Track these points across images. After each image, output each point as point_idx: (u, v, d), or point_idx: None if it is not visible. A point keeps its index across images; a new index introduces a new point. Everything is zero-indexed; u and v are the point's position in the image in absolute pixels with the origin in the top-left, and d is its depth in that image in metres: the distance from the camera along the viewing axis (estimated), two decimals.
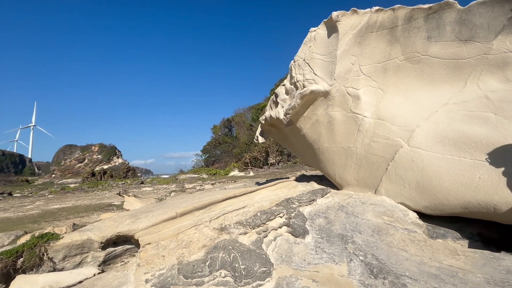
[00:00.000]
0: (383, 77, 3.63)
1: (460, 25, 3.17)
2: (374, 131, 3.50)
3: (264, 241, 2.61)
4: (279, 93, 4.40)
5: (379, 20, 3.43)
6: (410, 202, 3.02)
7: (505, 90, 2.88)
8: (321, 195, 3.30)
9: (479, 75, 3.14)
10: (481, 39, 3.06)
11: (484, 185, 2.48)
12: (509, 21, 2.94)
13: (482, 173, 2.53)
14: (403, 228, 2.64)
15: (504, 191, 2.37)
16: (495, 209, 2.41)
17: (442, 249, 2.37)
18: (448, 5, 3.21)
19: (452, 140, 2.88)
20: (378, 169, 3.40)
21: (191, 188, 11.22)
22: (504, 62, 2.98)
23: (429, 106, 3.31)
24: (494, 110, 2.81)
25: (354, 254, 2.35)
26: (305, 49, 3.96)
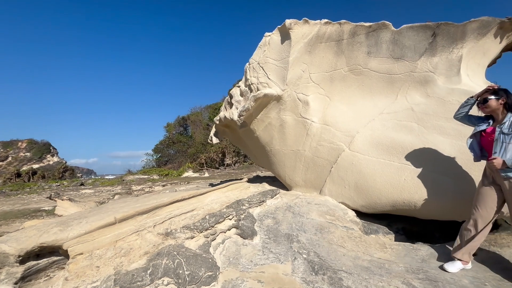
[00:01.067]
0: (330, 86, 3.91)
1: (394, 45, 3.59)
2: (320, 135, 3.74)
3: (212, 244, 2.56)
4: (234, 94, 4.39)
5: (327, 32, 3.69)
6: (350, 201, 3.31)
7: (425, 104, 3.35)
8: (271, 196, 3.39)
9: (407, 89, 3.60)
10: (409, 58, 3.52)
11: (408, 186, 2.85)
12: (430, 45, 3.44)
13: (407, 175, 2.91)
14: (343, 226, 2.86)
15: (422, 190, 2.76)
16: (415, 206, 2.79)
17: (374, 243, 2.65)
18: (385, 26, 3.60)
19: (384, 145, 3.24)
20: (323, 171, 3.64)
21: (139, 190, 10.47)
22: (425, 80, 3.47)
23: (367, 114, 3.67)
24: (417, 120, 3.25)
25: (298, 253, 2.46)
26: (259, 52, 4.03)
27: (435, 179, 2.73)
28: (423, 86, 3.50)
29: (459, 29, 3.31)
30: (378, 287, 2.01)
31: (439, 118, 3.13)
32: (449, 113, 3.09)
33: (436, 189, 2.69)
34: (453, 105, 3.14)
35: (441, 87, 3.38)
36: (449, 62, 3.39)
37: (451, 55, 3.38)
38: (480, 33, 3.32)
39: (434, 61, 3.43)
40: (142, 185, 11.92)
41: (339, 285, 2.03)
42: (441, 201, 2.68)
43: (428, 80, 3.47)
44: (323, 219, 2.97)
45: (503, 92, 2.18)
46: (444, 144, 2.88)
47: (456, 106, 3.10)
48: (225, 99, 4.70)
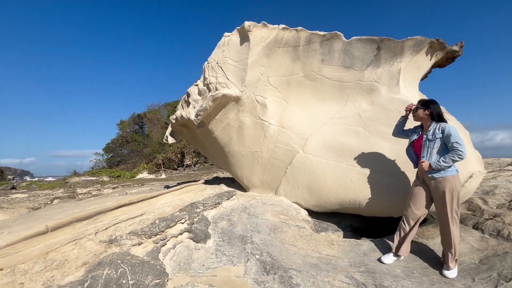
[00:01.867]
0: (287, 90, 4.03)
1: (344, 54, 3.86)
2: (277, 137, 3.83)
3: (161, 250, 2.42)
4: (191, 93, 4.26)
5: (285, 37, 3.80)
6: (302, 201, 3.45)
7: (370, 111, 3.67)
8: (227, 198, 3.36)
9: (355, 96, 3.89)
10: (358, 68, 3.82)
11: (354, 186, 3.08)
12: (375, 57, 3.78)
13: (353, 176, 3.14)
14: (295, 225, 2.97)
15: (366, 190, 3.00)
16: (360, 205, 3.03)
17: (323, 241, 2.79)
18: (337, 36, 3.85)
19: (335, 148, 3.46)
20: (279, 172, 3.73)
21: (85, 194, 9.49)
22: (371, 89, 3.80)
23: (320, 119, 3.87)
24: (363, 126, 3.54)
25: (251, 254, 2.47)
26: (218, 52, 3.97)
27: (377, 179, 3.00)
28: (369, 94, 3.82)
29: (399, 45, 3.71)
30: (325, 282, 2.12)
31: (381, 124, 3.44)
32: (390, 120, 3.43)
33: (378, 189, 2.96)
34: (393, 112, 3.49)
35: (384, 96, 3.73)
36: (390, 74, 3.77)
37: (392, 68, 3.76)
38: (415, 50, 3.77)
39: (378, 72, 3.78)
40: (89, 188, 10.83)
41: (289, 283, 2.09)
42: (382, 199, 2.95)
43: (373, 89, 3.80)
44: (277, 219, 3.04)
45: (429, 103, 2.49)
46: (385, 147, 3.18)
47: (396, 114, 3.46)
48: (183, 97, 4.53)
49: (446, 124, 2.37)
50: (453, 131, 2.29)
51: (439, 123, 2.40)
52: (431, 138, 2.39)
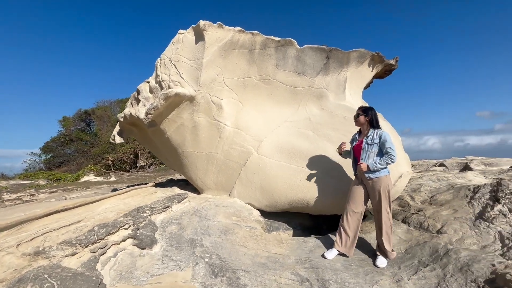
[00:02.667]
0: (242, 92, 4.07)
1: (297, 61, 4.05)
2: (232, 139, 3.84)
3: (100, 259, 2.23)
4: (142, 90, 4.02)
5: (241, 40, 3.83)
6: (255, 202, 3.51)
7: (320, 115, 3.91)
8: (177, 201, 3.24)
9: (307, 101, 4.11)
10: (309, 74, 4.04)
11: (303, 186, 3.24)
12: (324, 65, 4.04)
13: (302, 177, 3.30)
14: (247, 226, 3.00)
15: (313, 189, 3.18)
16: (308, 204, 3.20)
17: (273, 240, 2.88)
18: (291, 43, 4.02)
19: (286, 150, 3.59)
20: (233, 174, 3.74)
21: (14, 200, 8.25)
22: (320, 95, 4.05)
23: (275, 121, 3.99)
24: (313, 129, 3.75)
25: (200, 257, 2.42)
26: (172, 49, 3.83)
27: (323, 179, 3.20)
28: (319, 100, 4.07)
29: (345, 55, 4.03)
30: (271, 280, 2.19)
31: (329, 128, 3.69)
32: (336, 124, 3.70)
33: (323, 188, 3.16)
34: (339, 118, 3.77)
35: (331, 102, 4.02)
36: (337, 82, 4.08)
37: (339, 76, 4.07)
38: (359, 61, 4.14)
39: (327, 79, 4.05)
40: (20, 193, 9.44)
41: (236, 285, 2.10)
42: (327, 198, 3.16)
43: (322, 95, 4.06)
44: (229, 220, 3.04)
45: (368, 110, 2.75)
46: (331, 150, 3.41)
47: (341, 119, 3.74)
48: (132, 95, 4.25)
49: (382, 131, 2.65)
50: (388, 137, 2.58)
51: (376, 130, 2.67)
52: (370, 142, 2.65)
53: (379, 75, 4.61)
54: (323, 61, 4.02)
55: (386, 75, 4.64)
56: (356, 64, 4.11)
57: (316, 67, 4.02)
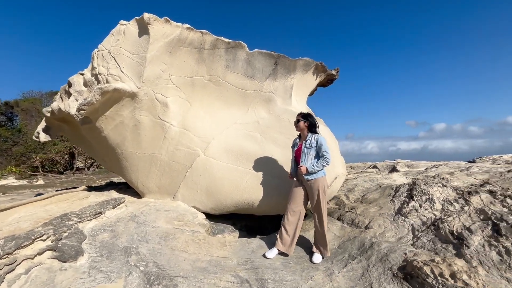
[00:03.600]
0: (191, 91, 3.94)
1: (247, 64, 4.10)
2: (178, 139, 3.69)
3: (6, 278, 1.89)
4: (75, 83, 3.58)
5: (189, 37, 3.72)
6: (200, 205, 3.42)
7: (267, 119, 4.02)
8: (112, 206, 2.96)
9: (256, 105, 4.19)
10: (258, 78, 4.13)
11: (248, 188, 3.28)
12: (273, 71, 4.18)
13: (248, 178, 3.34)
14: (189, 230, 2.90)
15: (258, 191, 3.25)
16: (253, 205, 3.25)
17: (216, 243, 2.84)
18: (241, 46, 4.05)
19: (234, 152, 3.60)
20: (178, 176, 3.59)
21: None
22: (269, 99, 4.17)
23: (224, 123, 3.97)
24: (261, 132, 3.83)
25: (135, 266, 2.25)
26: (112, 40, 3.51)
27: (268, 181, 3.30)
28: (267, 104, 4.18)
29: (292, 63, 4.23)
30: (211, 284, 2.15)
31: (275, 131, 3.82)
32: (282, 128, 3.85)
33: (268, 189, 3.25)
34: (285, 122, 3.93)
35: (279, 106, 4.17)
36: (285, 88, 4.25)
37: (287, 82, 4.26)
38: (305, 69, 4.39)
39: (275, 84, 4.20)
40: None
41: None
42: (271, 199, 3.26)
43: (271, 100, 4.18)
44: (171, 225, 2.90)
45: (307, 116, 2.93)
46: (277, 152, 3.54)
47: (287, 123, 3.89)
48: (62, 87, 3.76)
49: (319, 136, 2.85)
50: (324, 142, 2.78)
51: (314, 134, 2.86)
52: (308, 146, 2.82)
53: (322, 83, 4.97)
54: (271, 66, 4.15)
55: (328, 84, 5.03)
56: (302, 72, 4.35)
57: (265, 71, 4.13)
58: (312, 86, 4.77)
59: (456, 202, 2.88)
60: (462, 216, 2.59)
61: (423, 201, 3.05)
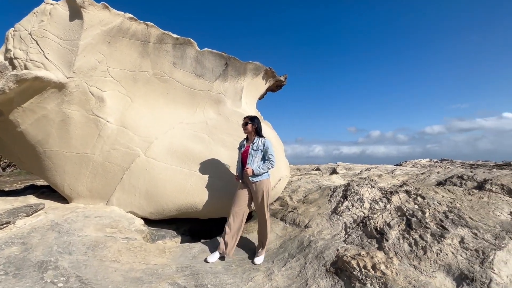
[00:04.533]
0: (132, 86, 3.65)
1: (197, 63, 3.99)
2: (116, 138, 3.36)
3: None
4: None
5: (132, 28, 3.44)
6: (139, 209, 3.17)
7: (216, 120, 3.96)
8: (26, 214, 2.53)
9: (205, 105, 4.09)
10: (208, 78, 4.04)
11: (193, 190, 3.17)
12: (223, 72, 4.14)
13: (193, 181, 3.23)
14: (124, 238, 2.66)
15: (203, 193, 3.16)
16: (197, 208, 3.15)
17: (154, 250, 2.66)
18: (190, 43, 3.92)
19: (179, 153, 3.44)
20: (113, 178, 3.26)
21: None
22: (218, 100, 4.12)
23: (169, 122, 3.76)
24: (208, 133, 3.75)
25: (51, 283, 1.95)
26: (34, 20, 3.02)
27: (213, 183, 3.24)
28: (216, 105, 4.13)
29: (243, 65, 4.27)
30: None
31: (223, 133, 3.78)
32: (231, 130, 3.83)
33: (214, 192, 3.19)
34: (233, 124, 3.92)
35: (228, 108, 4.15)
36: (235, 90, 4.26)
37: (237, 84, 4.27)
38: (255, 73, 4.47)
39: (225, 86, 4.17)
40: None
41: None
42: (217, 202, 3.20)
43: (220, 101, 4.14)
44: (102, 233, 2.61)
45: (254, 119, 2.98)
46: (224, 154, 3.51)
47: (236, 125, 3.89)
48: None
49: (266, 139, 2.92)
50: (270, 145, 2.86)
51: (261, 138, 2.92)
52: (255, 148, 2.86)
53: (271, 88, 5.14)
54: (222, 67, 4.12)
55: (277, 89, 5.22)
56: (252, 75, 4.42)
57: (215, 72, 4.07)
58: (262, 90, 4.89)
59: (381, 201, 3.26)
60: (384, 213, 2.95)
61: (355, 200, 3.38)
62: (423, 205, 2.94)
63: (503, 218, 2.63)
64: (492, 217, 2.63)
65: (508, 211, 2.79)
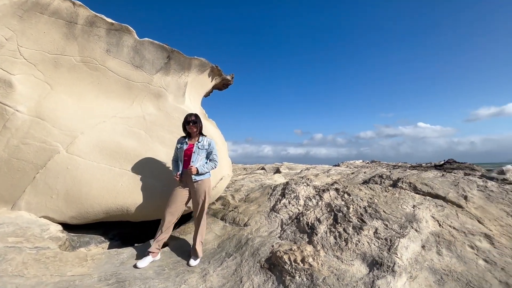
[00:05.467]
0: (53, 71, 3.16)
1: (135, 52, 3.68)
2: (28, 130, 2.86)
3: None
4: None
5: (54, 5, 2.98)
6: (56, 214, 2.75)
7: (156, 115, 3.71)
8: None
9: (143, 98, 3.80)
10: (147, 70, 3.77)
11: (124, 191, 2.91)
12: (165, 65, 3.92)
13: (124, 180, 2.96)
14: (33, 247, 2.27)
15: (136, 194, 2.93)
16: (128, 211, 2.90)
17: (73, 259, 2.34)
18: (128, 31, 3.60)
19: (110, 150, 3.12)
20: (23, 178, 2.77)
21: None
22: (159, 94, 3.87)
23: (99, 115, 3.37)
24: (146, 129, 3.49)
25: None
26: None
27: (148, 183, 3.03)
28: (157, 99, 3.87)
29: (187, 60, 4.10)
30: None
31: (163, 129, 3.57)
32: (172, 127, 3.64)
33: (148, 193, 2.98)
34: (175, 120, 3.74)
35: (170, 103, 3.93)
36: (178, 85, 4.06)
37: (180, 80, 4.08)
38: (200, 69, 4.35)
39: (167, 80, 3.95)
40: None
41: None
42: (151, 203, 3.00)
43: (161, 95, 3.90)
44: (2, 244, 2.18)
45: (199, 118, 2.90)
46: (162, 152, 3.31)
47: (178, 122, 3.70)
48: None
49: (211, 139, 2.90)
50: (215, 146, 2.87)
51: (205, 137, 2.88)
52: (201, 147, 2.79)
53: (218, 87, 5.08)
54: (164, 60, 3.89)
55: (224, 88, 5.19)
56: (197, 71, 4.29)
57: (156, 64, 3.82)
58: (208, 87, 4.79)
59: (314, 198, 3.52)
60: (316, 210, 3.20)
61: (292, 198, 3.58)
62: (349, 201, 3.28)
63: (408, 210, 3.13)
64: (400, 210, 3.10)
65: (412, 204, 3.32)
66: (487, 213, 3.23)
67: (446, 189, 3.74)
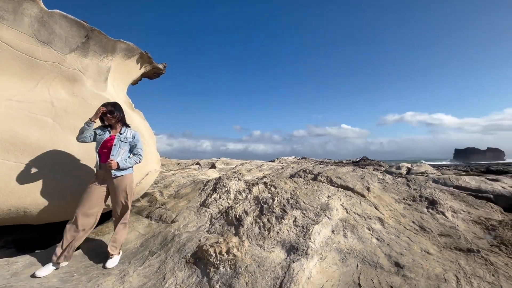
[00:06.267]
0: None
1: (40, 25, 3.09)
2: None
3: None
4: None
5: None
6: None
7: (68, 101, 3.22)
8: None
9: (52, 81, 3.23)
10: (58, 48, 3.22)
11: (20, 189, 2.44)
12: (83, 44, 3.42)
13: (22, 177, 2.48)
14: None
15: (36, 193, 2.50)
16: (25, 212, 2.45)
17: None
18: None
19: (3, 140, 2.56)
20: None
21: None
22: (73, 78, 3.36)
23: None
24: (54, 117, 2.99)
25: None
26: None
27: (56, 179, 2.62)
28: (70, 83, 3.35)
29: (111, 43, 3.68)
30: None
31: (78, 118, 3.13)
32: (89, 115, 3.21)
33: (54, 190, 2.58)
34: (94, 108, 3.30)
35: (88, 89, 3.46)
36: (98, 69, 3.61)
37: (101, 63, 3.63)
38: (126, 54, 3.96)
39: (85, 62, 3.46)
40: None
41: None
42: (59, 202, 2.61)
43: (76, 79, 3.39)
44: None
45: (119, 107, 2.64)
46: (75, 144, 2.90)
47: None
48: None
49: (136, 132, 2.68)
50: (140, 138, 2.66)
51: (129, 129, 2.65)
52: (123, 140, 2.54)
53: (148, 75, 4.72)
54: (81, 38, 3.39)
55: (155, 77, 4.85)
56: (123, 56, 3.88)
57: (69, 42, 3.30)
58: (136, 75, 4.40)
59: (244, 192, 3.67)
60: (245, 203, 3.34)
61: (223, 192, 3.64)
62: (274, 194, 3.54)
63: (323, 200, 3.57)
64: (317, 200, 3.51)
65: (327, 195, 3.80)
66: (382, 201, 3.95)
67: (355, 182, 4.41)
